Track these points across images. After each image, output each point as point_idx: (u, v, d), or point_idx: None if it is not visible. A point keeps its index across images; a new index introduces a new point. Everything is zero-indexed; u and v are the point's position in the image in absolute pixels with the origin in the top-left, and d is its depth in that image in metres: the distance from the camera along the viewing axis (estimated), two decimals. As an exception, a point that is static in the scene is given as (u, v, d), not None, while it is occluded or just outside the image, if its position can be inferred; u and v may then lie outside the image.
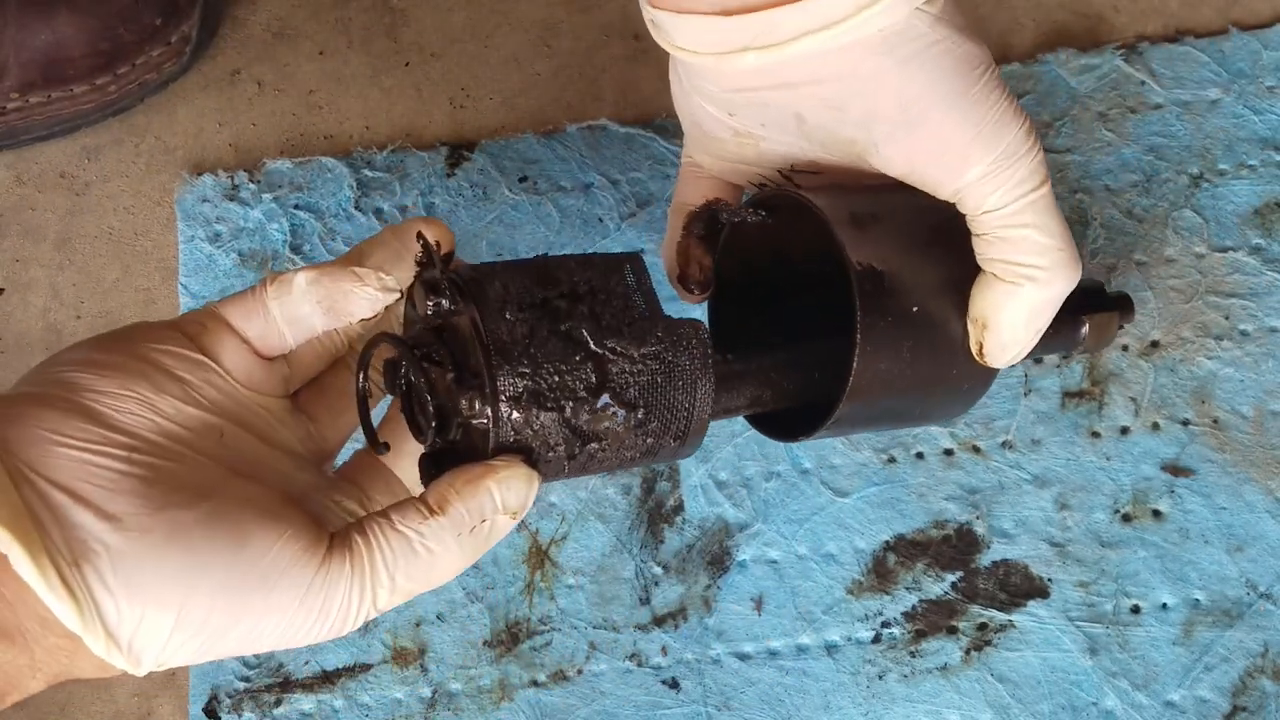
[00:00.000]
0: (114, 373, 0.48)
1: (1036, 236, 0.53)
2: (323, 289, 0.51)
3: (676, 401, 0.52)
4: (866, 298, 0.53)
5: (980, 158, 0.52)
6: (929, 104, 0.52)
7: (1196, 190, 0.73)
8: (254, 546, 0.47)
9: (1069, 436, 0.70)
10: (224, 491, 0.47)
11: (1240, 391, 0.70)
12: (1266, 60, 0.74)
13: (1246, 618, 0.67)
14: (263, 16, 0.79)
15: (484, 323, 0.49)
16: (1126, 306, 0.65)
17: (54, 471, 0.45)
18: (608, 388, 0.50)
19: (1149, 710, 0.66)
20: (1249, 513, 0.68)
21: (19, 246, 0.76)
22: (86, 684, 0.69)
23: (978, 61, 0.52)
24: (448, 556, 0.49)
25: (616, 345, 0.50)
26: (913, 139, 0.53)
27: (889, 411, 0.58)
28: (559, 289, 0.51)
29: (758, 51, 0.51)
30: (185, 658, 0.47)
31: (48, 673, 0.45)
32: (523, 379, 0.48)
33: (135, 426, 0.47)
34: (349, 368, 0.55)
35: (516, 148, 0.75)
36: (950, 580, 0.68)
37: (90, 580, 0.44)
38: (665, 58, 0.77)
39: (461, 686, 0.68)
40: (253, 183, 0.75)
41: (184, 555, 0.45)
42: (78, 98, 0.74)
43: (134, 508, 0.45)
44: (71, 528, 0.44)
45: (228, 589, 0.46)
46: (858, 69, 0.51)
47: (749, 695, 0.67)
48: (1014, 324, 0.55)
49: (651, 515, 0.69)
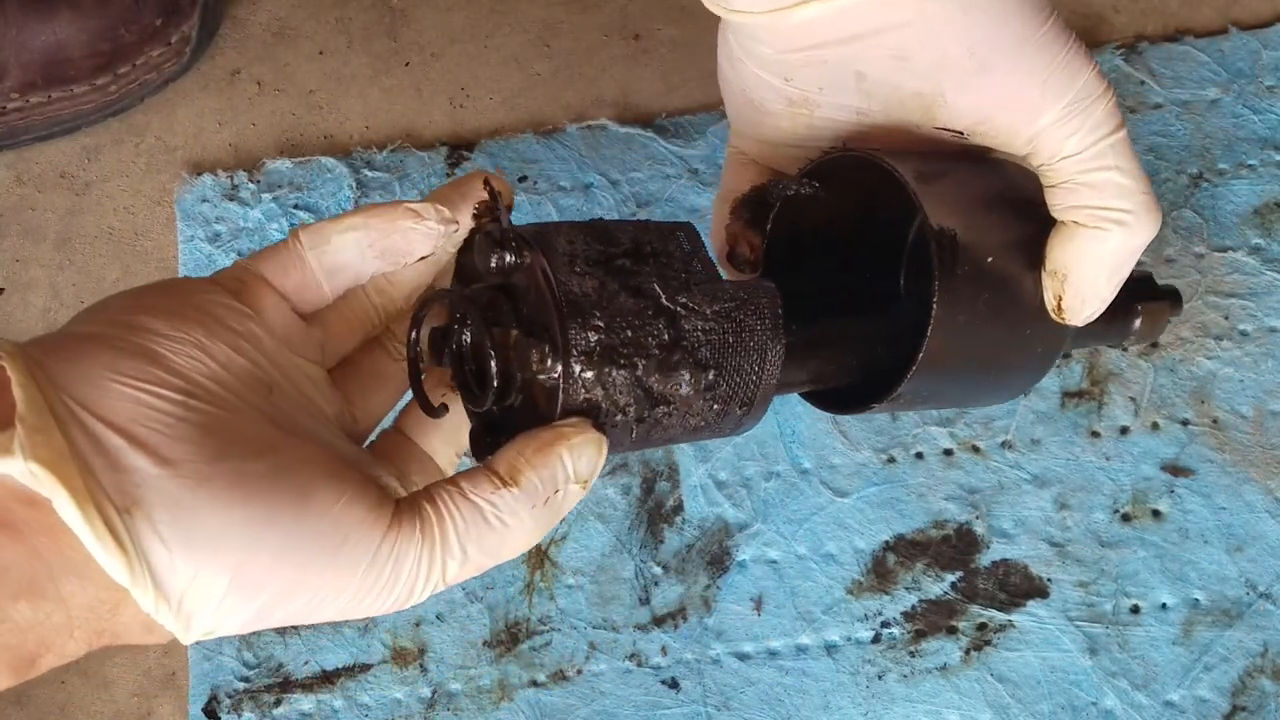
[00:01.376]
0: (169, 317, 0.45)
1: (1120, 179, 0.51)
2: (374, 230, 0.48)
3: (747, 366, 0.50)
4: (943, 252, 0.51)
5: (1054, 102, 0.50)
6: (997, 47, 0.50)
7: (1196, 190, 0.73)
8: (319, 505, 0.44)
9: (1068, 436, 0.70)
10: (284, 448, 0.45)
11: (1240, 391, 0.70)
12: (1266, 60, 0.74)
13: (1246, 617, 0.67)
14: (263, 16, 0.79)
15: (554, 274, 0.46)
16: (1176, 299, 0.63)
17: (108, 411, 0.42)
18: (681, 345, 0.48)
19: (1148, 710, 0.66)
20: (1248, 512, 0.68)
21: (19, 246, 0.76)
22: (87, 684, 0.69)
23: (1041, 4, 0.50)
24: (521, 529, 0.46)
25: (689, 301, 0.48)
26: (983, 85, 0.51)
27: (962, 378, 0.56)
28: (622, 247, 0.49)
29: (820, 3, 0.49)
30: (237, 625, 0.44)
31: (87, 630, 0.42)
32: (596, 333, 0.46)
33: (191, 371, 0.44)
34: (383, 347, 0.53)
35: (516, 148, 0.75)
36: (950, 580, 0.68)
37: (141, 529, 0.41)
38: (665, 58, 0.77)
39: (461, 686, 0.68)
40: (252, 183, 0.75)
41: (245, 510, 0.43)
42: (78, 98, 0.74)
43: (192, 455, 0.42)
44: (125, 471, 0.41)
45: (290, 549, 0.43)
46: (923, 12, 0.49)
47: (749, 695, 0.67)
48: (1097, 275, 0.53)
49: (651, 515, 0.69)
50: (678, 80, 0.77)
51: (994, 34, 0.50)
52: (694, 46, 0.77)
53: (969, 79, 0.51)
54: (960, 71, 0.51)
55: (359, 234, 0.48)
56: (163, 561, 0.41)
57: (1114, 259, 0.52)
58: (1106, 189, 0.51)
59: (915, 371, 0.52)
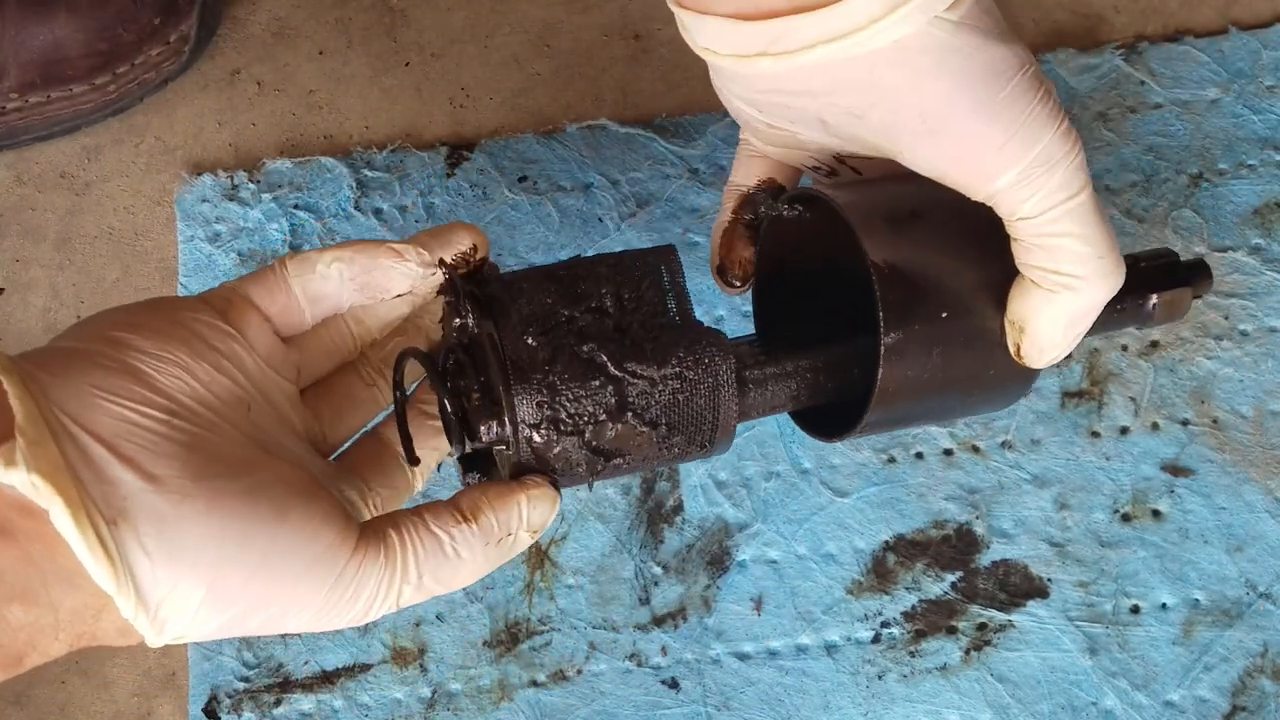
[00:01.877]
0: (154, 336, 0.47)
1: (1074, 245, 0.51)
2: (357, 265, 0.51)
3: (700, 415, 0.52)
4: (891, 304, 0.52)
5: (1010, 166, 0.50)
6: (949, 116, 0.50)
7: (1196, 190, 0.73)
8: (292, 526, 0.47)
9: (1068, 436, 0.70)
10: (262, 467, 0.47)
11: (1240, 391, 0.70)
12: (1266, 60, 0.74)
13: (1246, 617, 0.67)
14: (263, 16, 0.79)
15: (504, 347, 0.50)
16: (1203, 274, 0.62)
17: (97, 426, 0.44)
18: (628, 409, 0.51)
19: (1148, 710, 0.66)
20: (1248, 512, 0.68)
21: (19, 246, 0.76)
22: (87, 684, 0.69)
23: (1006, 66, 0.50)
24: (473, 563, 0.50)
25: (638, 368, 0.51)
26: (937, 148, 0.51)
27: (924, 412, 0.58)
28: (585, 303, 0.51)
29: (773, 58, 0.50)
30: (205, 633, 0.47)
31: (70, 633, 0.44)
32: (542, 407, 0.50)
33: (175, 390, 0.47)
34: (357, 372, 0.56)
35: (516, 148, 0.75)
36: (950, 580, 0.68)
37: (127, 540, 0.43)
38: (665, 58, 0.77)
39: (461, 686, 0.68)
40: (252, 182, 0.75)
41: (224, 526, 0.45)
42: (77, 98, 0.74)
43: (176, 471, 0.45)
44: (112, 484, 0.44)
45: (264, 566, 0.46)
46: (874, 81, 0.50)
47: (748, 695, 0.67)
48: (1052, 330, 0.53)
49: (651, 515, 0.69)
50: (678, 80, 0.77)
51: (947, 102, 0.50)
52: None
53: (922, 141, 0.51)
54: (912, 134, 0.51)
55: (342, 266, 0.51)
56: (145, 572, 0.44)
57: (1068, 316, 0.53)
58: (1060, 254, 0.51)
59: (868, 416, 0.54)
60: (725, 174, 0.74)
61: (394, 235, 0.74)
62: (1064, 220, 0.50)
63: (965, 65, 0.49)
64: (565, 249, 0.73)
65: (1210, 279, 0.62)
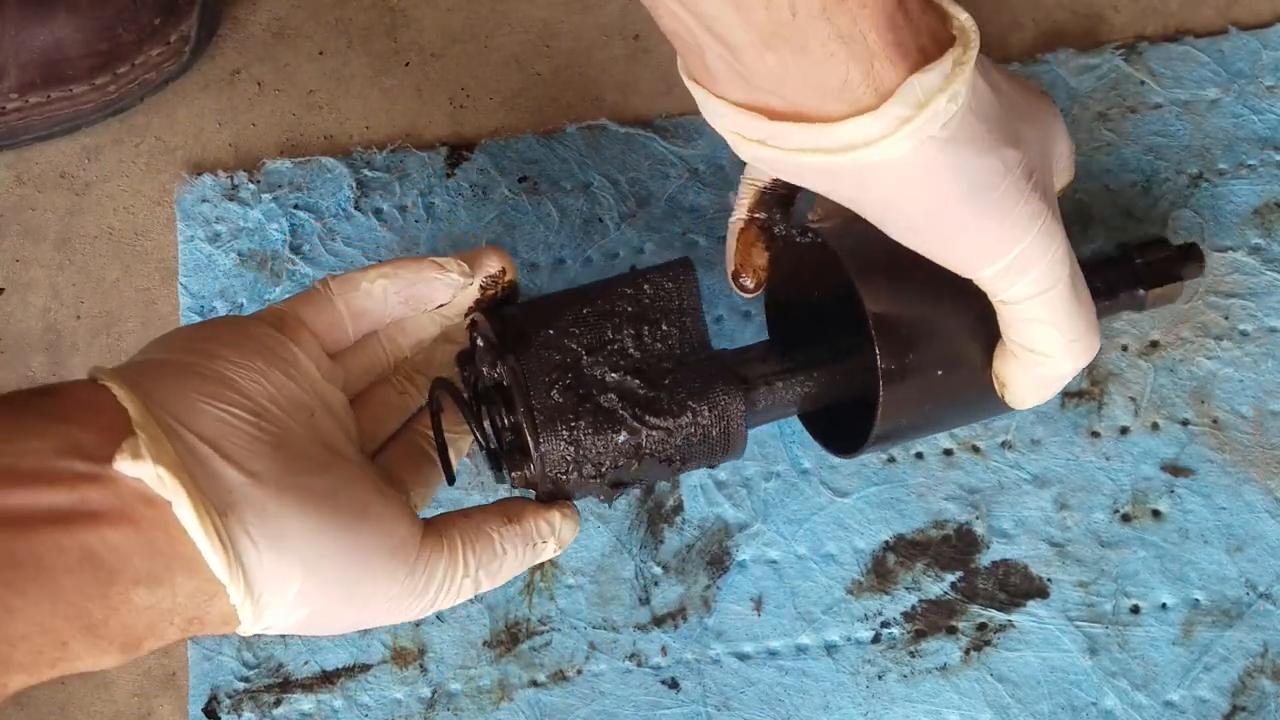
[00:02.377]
0: (234, 348, 0.52)
1: (1047, 331, 0.55)
2: (402, 279, 0.56)
3: (712, 449, 0.58)
4: (889, 353, 0.56)
5: (990, 262, 0.53)
6: (935, 222, 0.52)
7: (1196, 190, 0.73)
8: (373, 520, 0.52)
9: (1068, 436, 0.70)
10: (337, 467, 0.52)
11: (1240, 391, 0.70)
12: (1266, 60, 0.74)
13: (1246, 618, 0.67)
14: (263, 16, 0.79)
15: (531, 397, 0.55)
16: (1194, 259, 0.66)
17: (200, 427, 0.48)
18: (644, 452, 0.56)
19: (1148, 710, 0.66)
20: (1248, 513, 0.68)
21: (19, 246, 0.76)
22: (86, 684, 0.69)
23: (992, 176, 0.51)
24: (514, 560, 0.56)
25: (655, 420, 0.56)
26: (923, 244, 0.53)
27: (922, 433, 0.63)
28: (607, 348, 0.56)
29: (771, 150, 0.51)
30: (291, 624, 0.51)
31: (184, 617, 0.48)
32: (566, 457, 0.55)
33: (258, 394, 0.51)
34: (388, 382, 0.60)
35: (516, 148, 0.75)
36: (950, 580, 0.68)
37: (235, 531, 0.47)
38: (665, 58, 0.77)
39: (461, 686, 0.68)
40: (252, 182, 0.75)
41: (318, 520, 0.49)
42: (77, 98, 0.74)
43: (269, 468, 0.49)
44: (219, 479, 0.48)
45: (352, 556, 0.50)
46: (864, 186, 0.51)
47: (748, 695, 0.67)
48: (1028, 391, 0.58)
49: (651, 515, 0.69)
50: (678, 80, 0.76)
51: (932, 212, 0.51)
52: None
53: (908, 235, 0.53)
54: (900, 230, 0.53)
55: (387, 282, 0.56)
56: (253, 562, 0.48)
57: (1041, 383, 0.58)
58: (1034, 337, 0.55)
59: (869, 445, 0.59)
60: (726, 174, 0.74)
61: (394, 235, 0.74)
62: (1040, 309, 0.54)
63: (952, 180, 0.50)
64: (565, 249, 0.73)
65: (1202, 262, 0.66)
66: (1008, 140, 0.51)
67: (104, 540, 0.46)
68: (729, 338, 0.72)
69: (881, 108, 0.48)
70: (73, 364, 0.73)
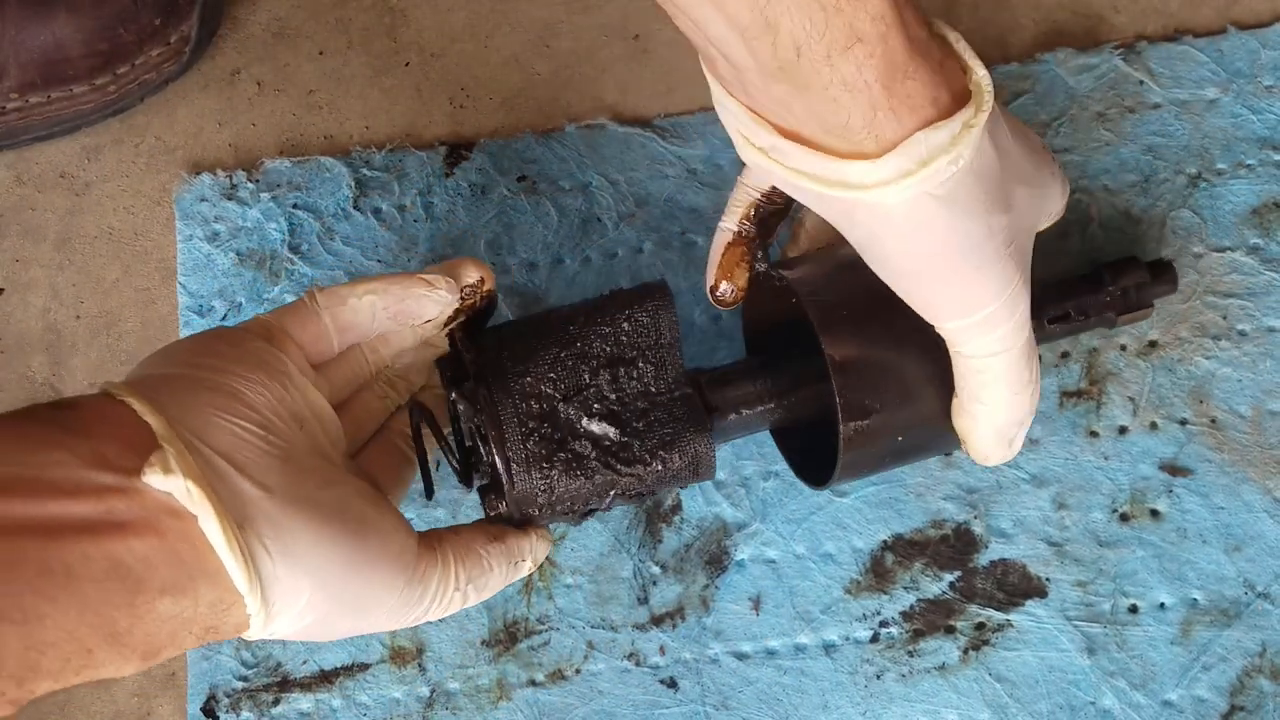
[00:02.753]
0: (238, 361, 0.53)
1: (998, 386, 0.56)
2: (391, 295, 0.57)
3: (682, 481, 0.61)
4: (849, 401, 0.58)
5: (955, 318, 0.54)
6: (911, 269, 0.53)
7: (1194, 190, 0.73)
8: (374, 531, 0.53)
9: (1067, 436, 0.70)
10: (338, 479, 0.53)
11: (1238, 391, 0.70)
12: (1265, 60, 0.74)
13: (1244, 617, 0.67)
14: (263, 16, 0.79)
15: (507, 445, 0.57)
16: (1166, 281, 0.67)
17: (216, 441, 0.49)
18: (615, 490, 0.59)
19: (1146, 710, 0.66)
20: (1247, 512, 0.68)
21: (19, 246, 0.76)
22: (87, 684, 0.69)
23: (975, 241, 0.51)
24: (499, 574, 0.59)
25: (626, 470, 0.58)
26: (895, 282, 0.54)
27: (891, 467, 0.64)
28: (583, 393, 0.58)
29: (769, 160, 0.51)
30: (297, 631, 0.52)
31: (203, 626, 0.49)
32: (537, 498, 0.58)
33: (264, 408, 0.52)
34: (373, 390, 0.61)
35: (515, 147, 0.75)
36: (948, 580, 0.68)
37: (252, 543, 0.48)
38: (665, 58, 0.77)
39: (459, 686, 0.68)
40: (251, 182, 0.75)
41: (325, 530, 0.51)
42: (77, 98, 0.74)
43: (279, 482, 0.50)
44: (236, 493, 0.49)
45: (357, 565, 0.52)
46: (852, 221, 0.52)
47: (747, 695, 0.67)
48: (989, 444, 0.59)
49: (649, 515, 0.70)
50: (677, 80, 0.77)
51: (910, 260, 0.52)
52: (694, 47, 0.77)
53: (883, 271, 0.54)
54: (878, 265, 0.54)
55: (375, 298, 0.57)
56: (269, 572, 0.49)
57: (996, 433, 0.58)
58: (985, 389, 0.57)
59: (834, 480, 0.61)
60: (724, 174, 0.74)
61: (393, 235, 0.74)
62: (995, 366, 0.55)
63: (936, 237, 0.51)
64: (564, 248, 0.73)
65: (1174, 282, 0.68)
66: (999, 205, 0.52)
67: (131, 551, 0.46)
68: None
69: (884, 158, 0.48)
70: (73, 364, 0.74)
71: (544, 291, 0.73)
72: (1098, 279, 0.66)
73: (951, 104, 0.49)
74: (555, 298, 0.72)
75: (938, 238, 0.51)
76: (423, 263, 0.73)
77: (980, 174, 0.50)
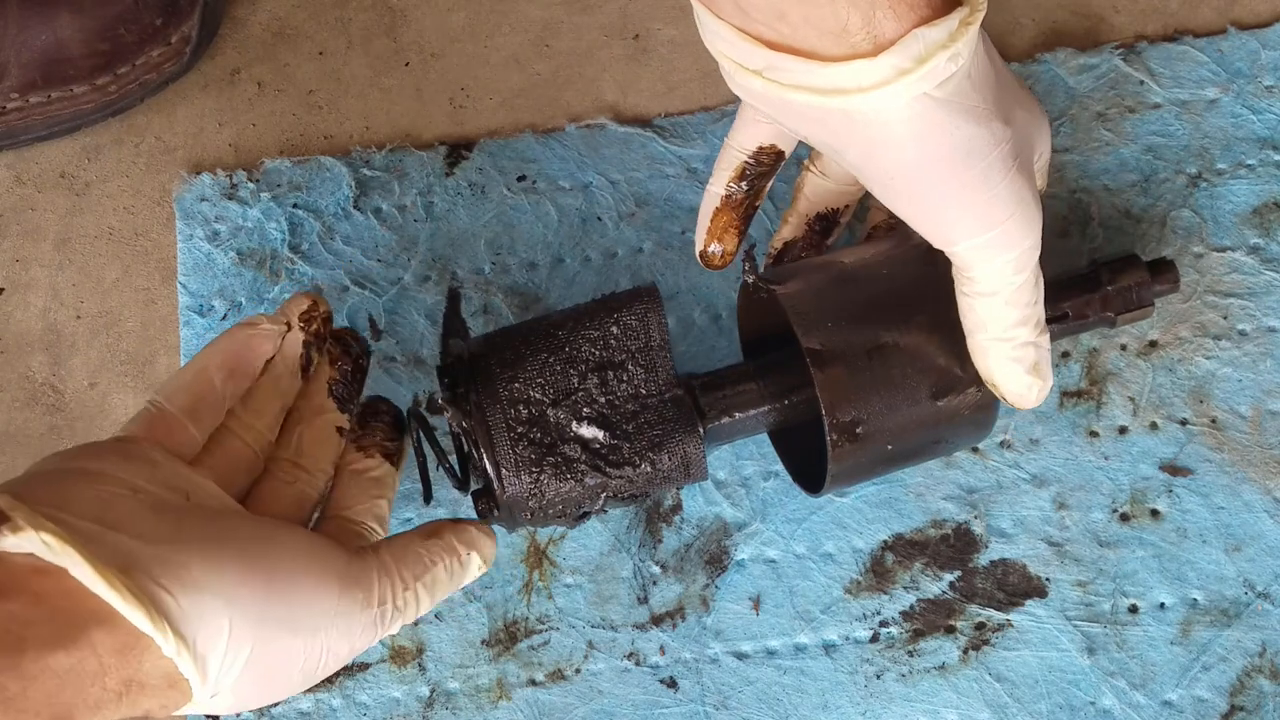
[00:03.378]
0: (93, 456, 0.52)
1: (1009, 310, 0.55)
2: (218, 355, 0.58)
3: (673, 482, 0.61)
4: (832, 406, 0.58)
5: (964, 238, 0.53)
6: (915, 183, 0.52)
7: (1194, 190, 0.73)
8: (278, 541, 0.52)
9: (1067, 436, 0.70)
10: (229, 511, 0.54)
11: (1238, 391, 0.70)
12: (1265, 60, 0.74)
13: (1244, 617, 0.67)
14: (263, 16, 0.79)
15: (495, 452, 0.58)
16: (1167, 279, 0.66)
17: (78, 510, 0.48)
18: (607, 492, 0.59)
19: (1146, 709, 0.66)
20: (1247, 512, 0.68)
21: (19, 246, 0.76)
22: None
23: (979, 146, 0.51)
24: (444, 574, 0.58)
25: (615, 472, 0.59)
26: (900, 204, 0.53)
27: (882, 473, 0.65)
28: (571, 396, 0.59)
29: (764, 81, 0.51)
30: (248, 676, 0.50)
31: (117, 680, 0.47)
32: (530, 501, 0.59)
33: (129, 476, 0.51)
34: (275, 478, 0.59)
35: (515, 147, 0.75)
36: (948, 580, 0.68)
37: (143, 583, 0.46)
38: (665, 58, 0.77)
39: (459, 685, 0.68)
40: (251, 182, 0.75)
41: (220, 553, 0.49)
42: (78, 98, 0.74)
43: (156, 527, 0.49)
44: (110, 544, 0.47)
45: (268, 575, 0.50)
46: (852, 131, 0.51)
47: (747, 694, 0.67)
48: (1019, 381, 0.58)
49: (649, 514, 0.70)
50: (677, 80, 0.77)
51: (914, 171, 0.51)
52: (694, 46, 0.77)
53: (887, 192, 0.53)
54: (880, 186, 0.53)
55: (203, 368, 0.57)
56: (171, 605, 0.47)
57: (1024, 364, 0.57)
58: (992, 319, 0.55)
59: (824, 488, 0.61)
60: (724, 174, 0.74)
61: (393, 234, 0.74)
62: (1006, 292, 0.54)
63: (939, 142, 0.50)
64: (564, 248, 0.73)
65: (1176, 280, 0.67)
66: (1000, 115, 0.51)
67: (2, 613, 0.45)
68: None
69: (880, 57, 0.47)
70: (72, 364, 0.74)
71: (544, 291, 0.73)
72: (1097, 278, 0.66)
73: (945, 8, 0.48)
74: (555, 297, 0.72)
75: (940, 141, 0.50)
76: (422, 262, 0.73)
77: (978, 81, 0.50)
